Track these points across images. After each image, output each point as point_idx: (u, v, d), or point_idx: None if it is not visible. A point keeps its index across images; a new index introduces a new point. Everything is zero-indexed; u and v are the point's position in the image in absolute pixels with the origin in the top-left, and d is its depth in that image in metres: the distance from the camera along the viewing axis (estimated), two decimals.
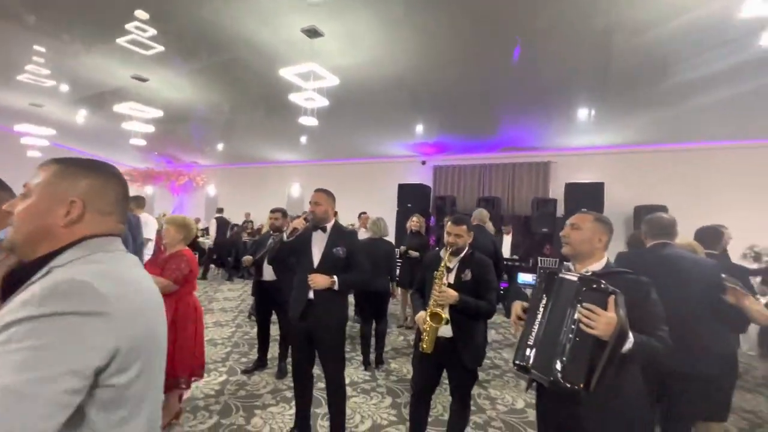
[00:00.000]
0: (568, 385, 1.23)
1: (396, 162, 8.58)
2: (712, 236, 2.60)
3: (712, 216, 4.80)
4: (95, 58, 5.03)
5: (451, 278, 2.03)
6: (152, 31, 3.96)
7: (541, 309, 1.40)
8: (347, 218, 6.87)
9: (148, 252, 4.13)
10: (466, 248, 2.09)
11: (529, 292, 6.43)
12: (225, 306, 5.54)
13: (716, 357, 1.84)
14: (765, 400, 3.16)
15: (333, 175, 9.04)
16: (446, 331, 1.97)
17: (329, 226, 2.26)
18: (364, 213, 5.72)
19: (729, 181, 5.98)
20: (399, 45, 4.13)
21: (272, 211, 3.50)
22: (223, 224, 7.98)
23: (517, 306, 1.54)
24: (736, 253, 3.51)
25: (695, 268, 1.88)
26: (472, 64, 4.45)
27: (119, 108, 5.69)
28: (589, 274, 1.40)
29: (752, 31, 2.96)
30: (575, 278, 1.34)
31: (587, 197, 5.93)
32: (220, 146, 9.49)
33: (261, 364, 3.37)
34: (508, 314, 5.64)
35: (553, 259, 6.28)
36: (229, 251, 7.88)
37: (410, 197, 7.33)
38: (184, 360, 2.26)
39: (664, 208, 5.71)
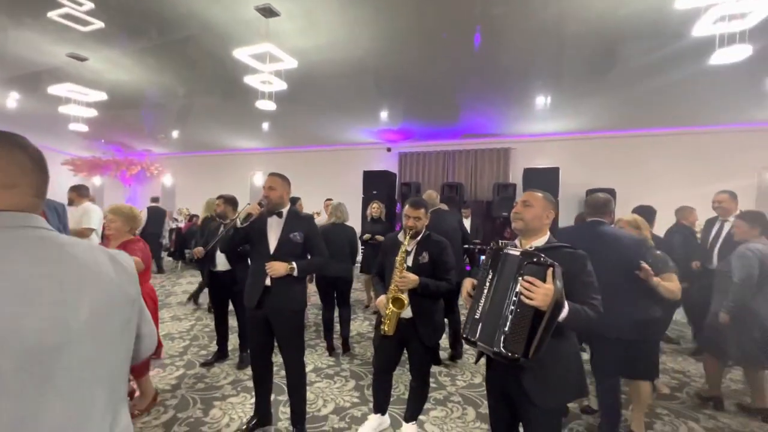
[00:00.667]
0: (509, 354, 1.30)
1: (361, 149, 8.52)
2: (647, 214, 2.83)
3: (653, 197, 5.20)
4: (24, 32, 4.54)
5: (410, 261, 2.07)
6: (89, 5, 3.62)
7: (488, 284, 1.46)
8: (312, 205, 6.76)
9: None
10: (423, 230, 2.13)
11: None
12: (183, 299, 5.32)
13: (635, 323, 2.05)
14: (694, 362, 3.50)
15: (297, 162, 8.84)
16: (406, 312, 2.02)
17: (285, 211, 2.20)
18: (329, 199, 5.65)
19: (668, 164, 6.46)
20: (360, 27, 4.04)
21: (218, 198, 3.41)
22: (156, 214, 7.61)
23: (468, 283, 1.60)
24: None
25: (615, 243, 2.09)
26: (434, 48, 4.44)
27: (55, 90, 5.20)
28: (533, 249, 1.47)
29: (687, 21, 3.15)
30: (518, 253, 1.41)
31: (544, 181, 6.18)
32: (175, 133, 8.96)
33: (221, 355, 3.29)
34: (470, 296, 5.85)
35: (513, 242, 6.53)
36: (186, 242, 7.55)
37: (376, 184, 7.33)
38: None
39: (612, 191, 6.10)
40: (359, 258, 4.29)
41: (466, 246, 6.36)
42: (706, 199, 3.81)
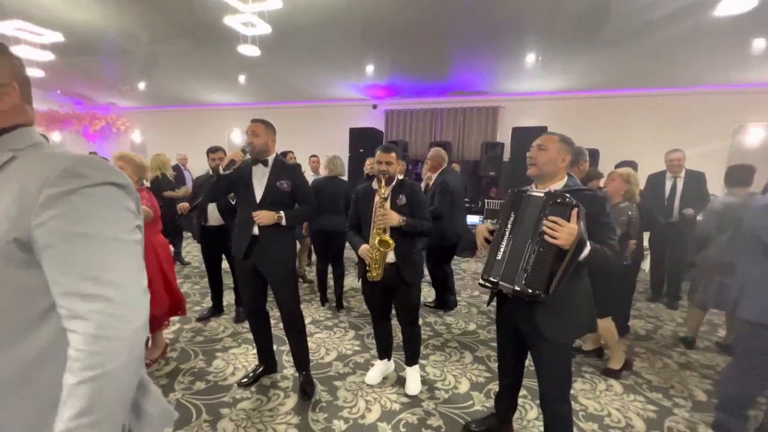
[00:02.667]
0: (531, 291, 1.33)
1: (347, 105, 8.19)
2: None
3: (633, 157, 5.35)
4: None
5: (387, 205, 2.05)
6: None
7: (510, 225, 1.46)
8: (301, 164, 6.56)
9: None
10: (397, 176, 2.11)
11: None
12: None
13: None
14: (665, 307, 3.78)
15: (280, 118, 8.30)
16: (389, 256, 2.03)
17: (270, 159, 2.11)
18: (314, 156, 5.48)
19: (649, 125, 6.60)
20: None
21: (213, 151, 3.21)
22: None
23: (483, 228, 1.59)
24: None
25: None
26: None
27: (3, 28, 4.59)
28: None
29: None
30: (541, 194, 1.40)
31: (532, 140, 6.19)
32: (142, 85, 8.24)
33: (217, 310, 3.26)
34: (457, 254, 5.98)
35: (498, 200, 6.65)
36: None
37: (362, 142, 7.15)
38: (155, 300, 2.19)
39: (596, 151, 6.22)
40: None
41: None
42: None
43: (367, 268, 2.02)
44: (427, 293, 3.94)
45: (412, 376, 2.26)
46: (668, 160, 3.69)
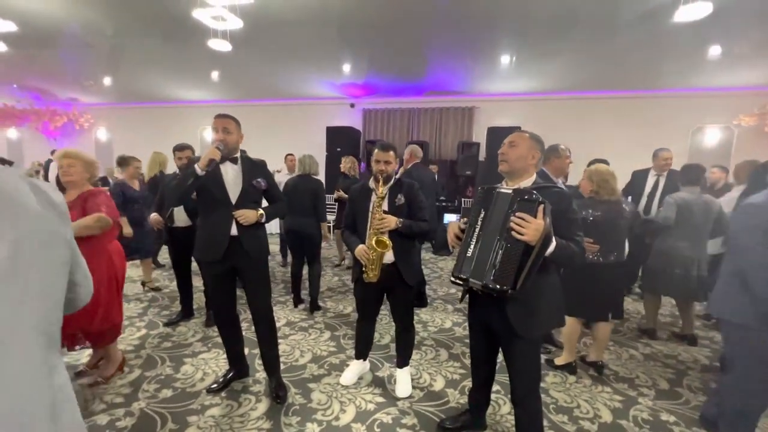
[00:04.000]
0: (498, 287, 1.34)
1: (323, 104, 8.09)
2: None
3: (605, 155, 5.54)
4: None
5: (385, 205, 2.04)
6: None
7: (479, 222, 1.47)
8: (273, 162, 6.42)
9: None
10: (395, 175, 2.10)
11: None
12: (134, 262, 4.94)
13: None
14: (632, 301, 3.94)
15: (255, 116, 8.18)
16: (387, 257, 2.02)
17: (238, 156, 2.06)
18: (291, 154, 5.38)
19: (616, 125, 6.88)
20: None
21: (180, 149, 3.06)
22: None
23: (455, 225, 1.60)
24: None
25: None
26: None
27: None
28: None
29: None
30: (510, 191, 1.42)
31: None
32: (106, 80, 7.86)
33: (186, 314, 3.14)
34: (435, 251, 6.03)
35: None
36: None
37: (339, 141, 7.09)
38: (113, 308, 2.16)
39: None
40: (331, 215, 4.18)
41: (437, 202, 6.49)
42: (646, 159, 4.10)
43: (363, 269, 1.99)
44: None
45: (404, 379, 2.23)
46: (662, 158, 3.73)
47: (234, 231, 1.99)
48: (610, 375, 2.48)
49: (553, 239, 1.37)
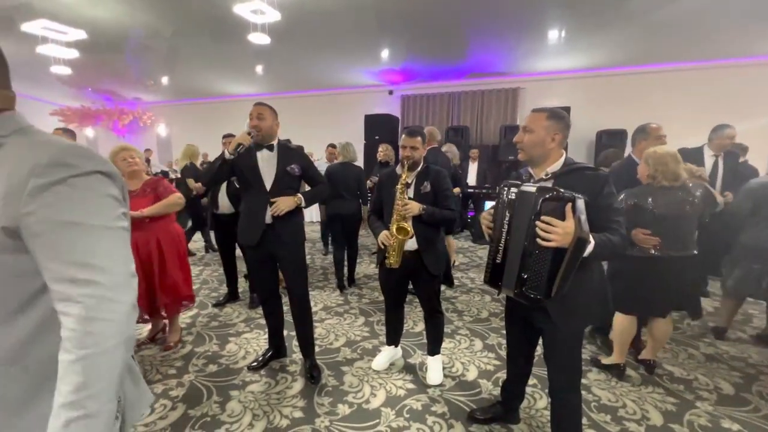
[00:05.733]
0: (531, 296, 1.27)
1: (362, 92, 8.12)
2: None
3: (668, 137, 4.99)
4: None
5: (411, 192, 2.01)
6: None
7: (506, 225, 1.37)
8: (314, 151, 6.59)
9: None
10: (422, 162, 2.05)
11: None
12: (190, 246, 5.36)
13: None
14: None
15: (296, 108, 8.47)
16: (411, 244, 1.99)
17: (275, 144, 2.09)
18: (332, 145, 5.47)
19: (678, 102, 6.15)
20: None
21: (226, 136, 3.32)
22: None
23: (483, 217, 1.51)
24: None
25: None
26: None
27: (29, 27, 4.81)
28: (549, 176, 1.37)
29: None
30: (533, 189, 1.29)
31: None
32: (165, 79, 8.49)
33: (232, 297, 3.36)
34: (474, 240, 5.88)
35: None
36: None
37: (378, 128, 7.08)
38: (183, 281, 2.48)
39: (623, 132, 5.87)
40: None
41: (470, 190, 6.31)
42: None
43: (386, 254, 2.00)
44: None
45: (435, 367, 2.22)
46: (727, 137, 3.18)
47: (268, 219, 2.06)
48: (663, 375, 2.28)
49: (591, 239, 1.23)
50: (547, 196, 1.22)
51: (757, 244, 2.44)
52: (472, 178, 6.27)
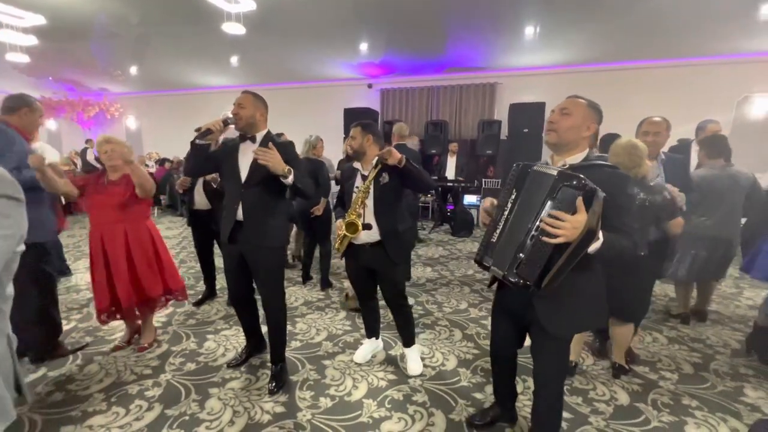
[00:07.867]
0: (520, 281, 1.20)
1: (341, 85, 8.03)
2: None
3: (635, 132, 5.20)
4: None
5: (372, 186, 2.01)
6: None
7: (509, 205, 1.30)
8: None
9: None
10: (368, 152, 2.02)
11: (474, 213, 6.64)
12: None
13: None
14: (658, 282, 3.76)
15: (274, 100, 8.13)
16: (374, 235, 2.00)
17: (259, 135, 1.99)
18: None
19: (651, 98, 6.42)
20: None
21: (197, 130, 3.14)
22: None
23: (487, 202, 1.46)
24: None
25: None
26: None
27: None
28: (566, 167, 1.29)
29: None
30: (554, 172, 1.19)
31: (530, 117, 6.08)
32: (133, 70, 8.11)
33: (210, 293, 3.29)
34: (454, 233, 5.97)
35: (496, 180, 6.58)
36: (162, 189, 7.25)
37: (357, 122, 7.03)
38: (152, 280, 2.37)
39: None
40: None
41: (450, 184, 6.38)
42: (685, 133, 3.81)
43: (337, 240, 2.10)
44: (421, 273, 3.96)
45: (413, 357, 2.25)
46: (711, 132, 3.30)
47: (239, 215, 1.95)
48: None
49: (600, 235, 1.16)
50: (573, 182, 1.13)
51: (704, 233, 2.62)
52: (450, 172, 6.35)
